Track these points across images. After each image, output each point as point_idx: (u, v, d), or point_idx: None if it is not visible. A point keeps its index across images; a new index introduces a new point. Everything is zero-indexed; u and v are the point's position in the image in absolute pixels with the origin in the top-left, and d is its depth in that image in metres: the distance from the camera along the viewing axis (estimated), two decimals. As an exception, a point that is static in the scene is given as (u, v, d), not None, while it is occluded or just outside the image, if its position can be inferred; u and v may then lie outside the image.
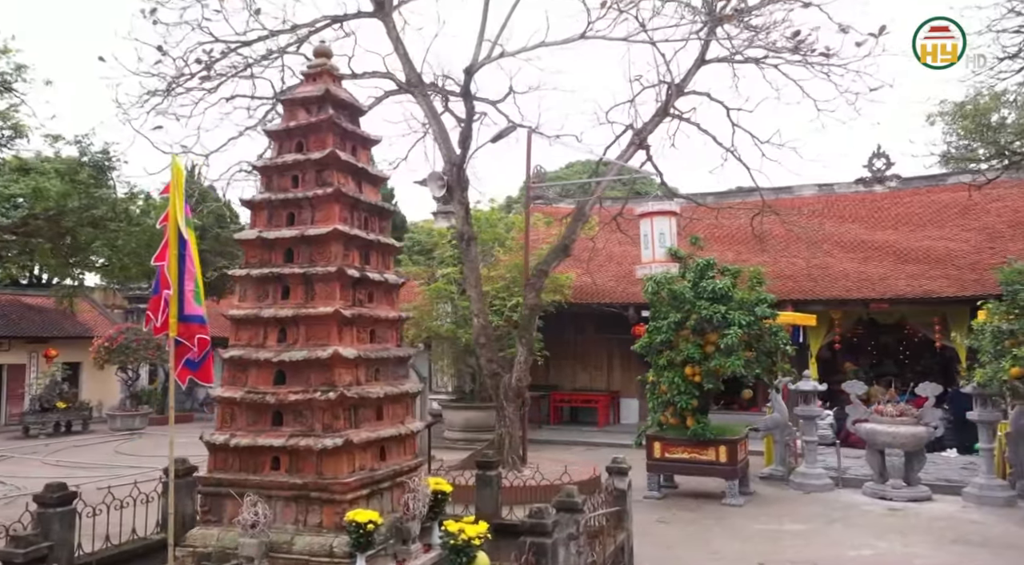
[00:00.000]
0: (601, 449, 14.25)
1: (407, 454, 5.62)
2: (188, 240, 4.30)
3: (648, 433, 10.61)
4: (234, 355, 5.17)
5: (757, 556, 7.42)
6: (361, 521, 4.50)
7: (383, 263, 5.76)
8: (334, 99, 5.50)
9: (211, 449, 5.15)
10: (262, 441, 4.94)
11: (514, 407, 10.87)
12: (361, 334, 5.31)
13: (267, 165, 5.54)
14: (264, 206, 5.44)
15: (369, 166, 5.75)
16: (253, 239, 5.36)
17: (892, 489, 10.09)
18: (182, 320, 4.35)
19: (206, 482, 5.16)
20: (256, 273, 5.27)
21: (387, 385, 5.42)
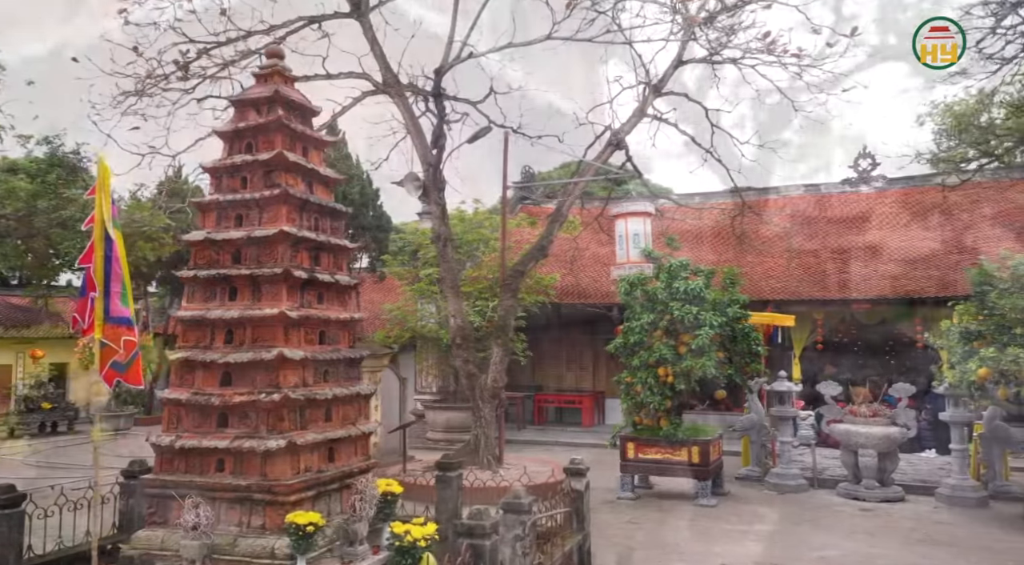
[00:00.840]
0: (582, 449, 14.25)
1: (358, 455, 5.61)
2: (115, 241, 4.29)
3: (621, 434, 10.60)
4: (182, 356, 5.16)
5: (721, 557, 7.41)
6: (301, 523, 4.49)
7: (335, 264, 5.75)
8: (284, 100, 5.49)
9: (157, 451, 5.15)
10: (207, 443, 4.93)
11: (490, 407, 10.88)
12: (310, 335, 5.30)
13: (216, 166, 5.53)
14: (213, 207, 5.44)
15: (321, 167, 5.74)
16: (201, 240, 5.35)
17: (865, 490, 10.09)
18: (108, 321, 4.34)
19: (152, 484, 5.16)
20: (203, 274, 5.26)
21: (337, 387, 5.41)
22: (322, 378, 5.34)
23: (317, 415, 5.22)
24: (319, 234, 5.54)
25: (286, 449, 4.79)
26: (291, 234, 5.15)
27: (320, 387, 5.25)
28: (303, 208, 5.43)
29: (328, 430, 5.24)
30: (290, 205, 5.27)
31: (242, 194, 5.33)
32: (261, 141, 5.43)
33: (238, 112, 5.65)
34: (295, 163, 5.38)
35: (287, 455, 4.82)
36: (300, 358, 5.03)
